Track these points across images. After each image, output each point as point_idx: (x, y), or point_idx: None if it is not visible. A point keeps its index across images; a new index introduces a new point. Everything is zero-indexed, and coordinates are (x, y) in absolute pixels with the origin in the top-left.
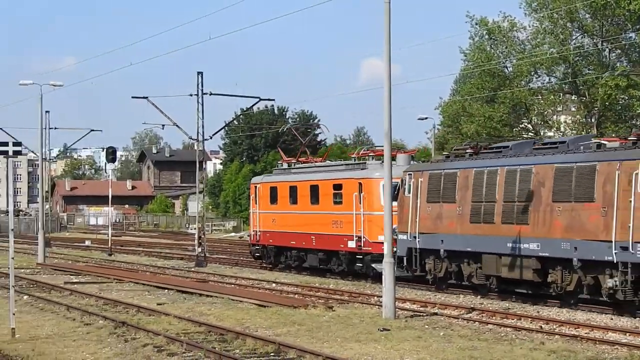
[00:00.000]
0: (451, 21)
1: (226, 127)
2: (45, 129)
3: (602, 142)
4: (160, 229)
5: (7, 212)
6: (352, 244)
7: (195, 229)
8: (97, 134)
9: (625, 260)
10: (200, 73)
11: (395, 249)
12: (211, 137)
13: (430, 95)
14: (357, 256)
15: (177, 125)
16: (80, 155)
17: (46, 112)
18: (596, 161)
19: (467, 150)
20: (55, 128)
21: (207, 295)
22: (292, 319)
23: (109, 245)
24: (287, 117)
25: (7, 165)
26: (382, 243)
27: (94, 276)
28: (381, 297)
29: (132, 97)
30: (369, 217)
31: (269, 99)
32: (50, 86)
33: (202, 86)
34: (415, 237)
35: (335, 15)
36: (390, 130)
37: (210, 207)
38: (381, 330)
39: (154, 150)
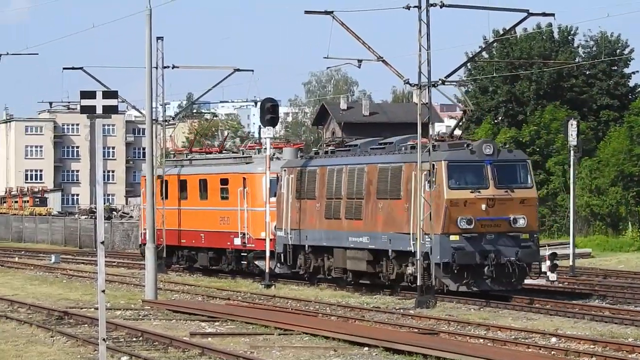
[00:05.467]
0: None
1: (468, 64)
2: (157, 68)
3: (416, 143)
4: None
5: (91, 212)
6: (237, 241)
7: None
8: (244, 78)
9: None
10: None
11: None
12: (443, 82)
13: None
14: (242, 253)
15: (383, 61)
16: (215, 114)
17: (158, 39)
18: (403, 162)
19: (329, 147)
20: (174, 67)
21: (439, 359)
22: None
23: (266, 269)
24: (575, 45)
25: (91, 131)
26: (265, 240)
27: (241, 323)
28: None
29: (306, 12)
30: (253, 214)
31: (543, 14)
32: None
33: None
34: (288, 233)
35: None
36: None
37: None
38: None
39: (343, 105)
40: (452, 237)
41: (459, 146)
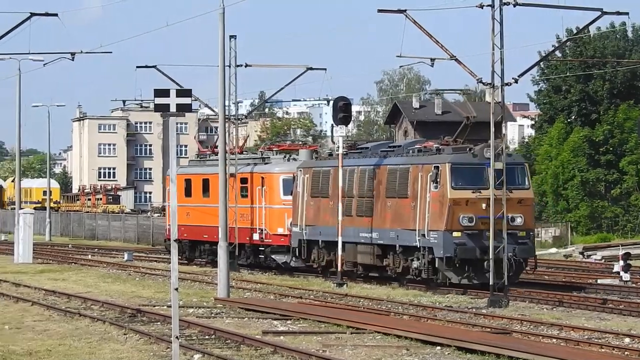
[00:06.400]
0: None
1: (541, 63)
2: (230, 66)
3: (425, 147)
4: None
5: (163, 210)
6: (256, 237)
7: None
8: (316, 76)
9: (424, 245)
10: None
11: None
12: (516, 81)
13: None
14: (260, 248)
15: (456, 60)
16: (287, 113)
17: (231, 37)
18: (410, 164)
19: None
20: (247, 65)
21: (511, 358)
22: None
23: (339, 269)
24: None
25: (164, 129)
26: (281, 235)
27: (313, 321)
28: None
29: (379, 11)
30: (270, 210)
31: (617, 13)
32: None
33: None
34: (303, 229)
35: None
36: None
37: None
38: None
39: (416, 104)
40: (455, 234)
41: (462, 150)
